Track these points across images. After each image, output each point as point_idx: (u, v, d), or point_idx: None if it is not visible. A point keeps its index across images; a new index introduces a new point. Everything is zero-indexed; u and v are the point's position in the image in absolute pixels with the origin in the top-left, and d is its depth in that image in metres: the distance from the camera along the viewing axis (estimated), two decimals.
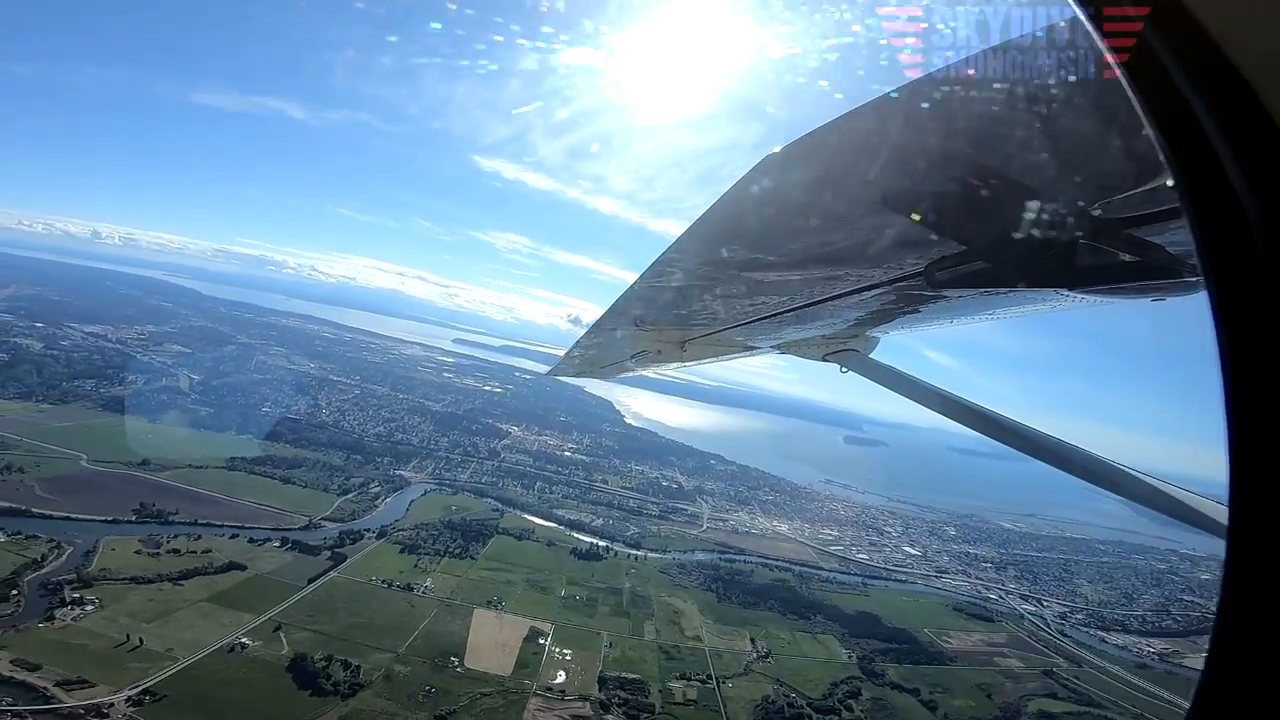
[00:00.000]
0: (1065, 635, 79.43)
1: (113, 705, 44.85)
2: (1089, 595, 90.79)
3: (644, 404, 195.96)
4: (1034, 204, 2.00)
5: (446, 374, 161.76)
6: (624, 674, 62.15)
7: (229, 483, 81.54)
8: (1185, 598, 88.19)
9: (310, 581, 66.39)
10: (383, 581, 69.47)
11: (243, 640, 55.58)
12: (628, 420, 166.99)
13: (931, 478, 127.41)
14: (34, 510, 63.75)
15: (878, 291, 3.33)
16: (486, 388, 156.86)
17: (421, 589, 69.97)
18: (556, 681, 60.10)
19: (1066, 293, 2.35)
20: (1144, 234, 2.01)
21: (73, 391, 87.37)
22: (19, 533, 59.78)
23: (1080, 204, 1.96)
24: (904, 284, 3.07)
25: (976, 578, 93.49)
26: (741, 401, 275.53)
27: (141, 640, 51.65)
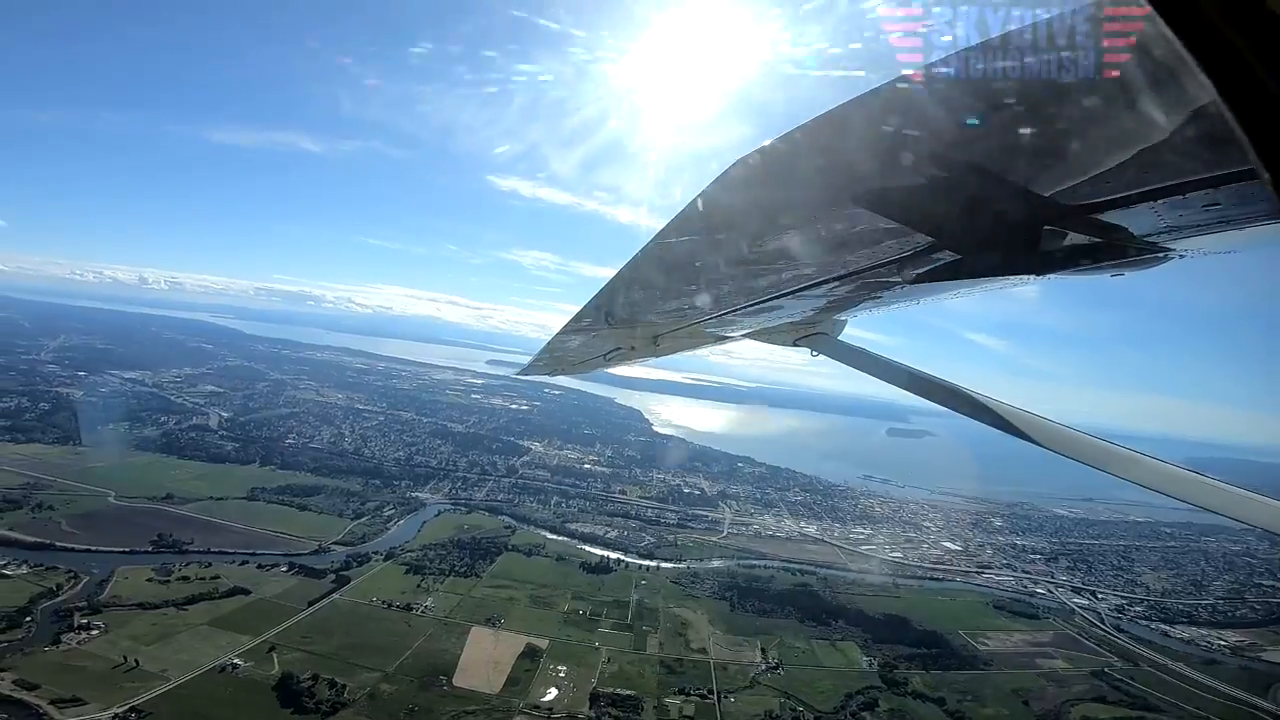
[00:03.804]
0: (1121, 631, 71.15)
1: None
2: (1151, 585, 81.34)
3: (675, 410, 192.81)
4: (1000, 195, 2.06)
5: (474, 395, 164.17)
6: (619, 690, 59.25)
7: (247, 512, 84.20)
8: (1263, 583, 77.16)
9: (310, 604, 67.01)
10: (383, 602, 69.27)
11: (235, 661, 56.27)
12: (656, 428, 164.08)
13: (980, 466, 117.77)
14: (57, 544, 67.35)
15: (849, 281, 3.47)
16: (513, 406, 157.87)
17: (421, 608, 69.34)
18: (546, 699, 57.79)
19: (1033, 277, 2.45)
20: (1107, 217, 2.10)
21: (108, 435, 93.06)
22: (40, 565, 63.20)
23: (1045, 193, 2.02)
24: (874, 272, 3.19)
25: (1023, 571, 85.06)
26: (781, 401, 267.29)
27: (138, 662, 53.20)
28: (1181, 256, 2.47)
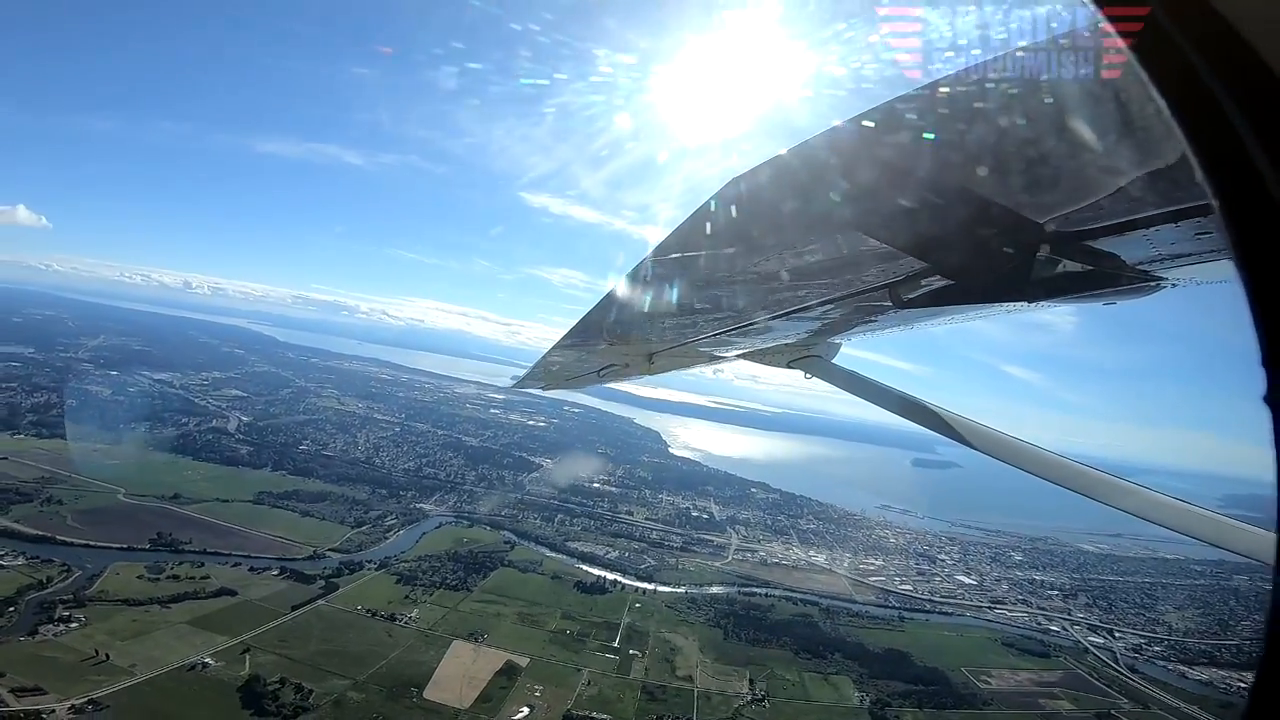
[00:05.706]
0: (1135, 671, 65.91)
1: (54, 712, 46.23)
2: (1174, 624, 75.51)
3: (695, 433, 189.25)
4: (993, 222, 2.05)
5: (494, 410, 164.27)
6: (595, 714, 57.05)
7: (250, 515, 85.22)
8: None
9: (294, 608, 66.83)
10: (367, 611, 68.72)
11: (206, 660, 56.20)
12: (673, 450, 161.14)
13: (1004, 498, 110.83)
14: (59, 538, 69.04)
15: (841, 304, 3.49)
16: (530, 422, 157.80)
17: (405, 619, 68.46)
18: (516, 718, 55.85)
19: (1025, 305, 2.46)
20: (1101, 245, 2.12)
21: (128, 433, 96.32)
22: (37, 558, 64.67)
23: (1038, 219, 2.03)
24: (867, 296, 3.21)
25: (1038, 607, 79.38)
26: (805, 428, 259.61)
27: (108, 656, 53.50)
28: (1175, 285, 2.43)
